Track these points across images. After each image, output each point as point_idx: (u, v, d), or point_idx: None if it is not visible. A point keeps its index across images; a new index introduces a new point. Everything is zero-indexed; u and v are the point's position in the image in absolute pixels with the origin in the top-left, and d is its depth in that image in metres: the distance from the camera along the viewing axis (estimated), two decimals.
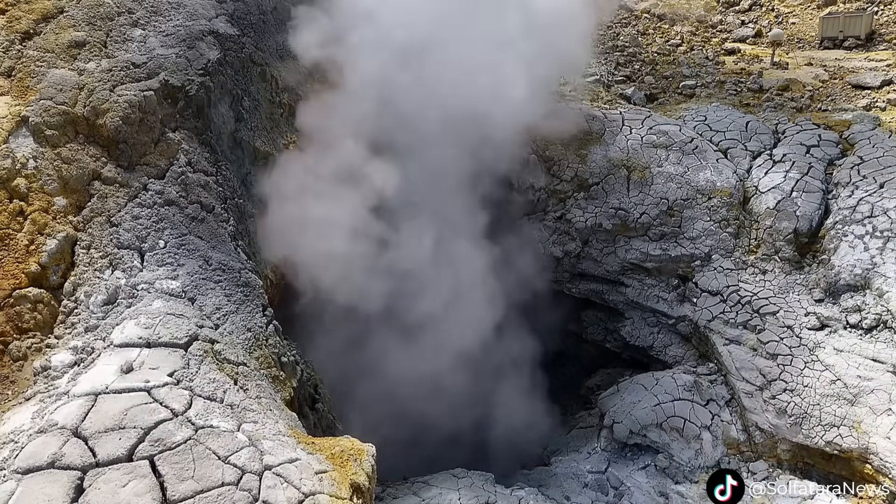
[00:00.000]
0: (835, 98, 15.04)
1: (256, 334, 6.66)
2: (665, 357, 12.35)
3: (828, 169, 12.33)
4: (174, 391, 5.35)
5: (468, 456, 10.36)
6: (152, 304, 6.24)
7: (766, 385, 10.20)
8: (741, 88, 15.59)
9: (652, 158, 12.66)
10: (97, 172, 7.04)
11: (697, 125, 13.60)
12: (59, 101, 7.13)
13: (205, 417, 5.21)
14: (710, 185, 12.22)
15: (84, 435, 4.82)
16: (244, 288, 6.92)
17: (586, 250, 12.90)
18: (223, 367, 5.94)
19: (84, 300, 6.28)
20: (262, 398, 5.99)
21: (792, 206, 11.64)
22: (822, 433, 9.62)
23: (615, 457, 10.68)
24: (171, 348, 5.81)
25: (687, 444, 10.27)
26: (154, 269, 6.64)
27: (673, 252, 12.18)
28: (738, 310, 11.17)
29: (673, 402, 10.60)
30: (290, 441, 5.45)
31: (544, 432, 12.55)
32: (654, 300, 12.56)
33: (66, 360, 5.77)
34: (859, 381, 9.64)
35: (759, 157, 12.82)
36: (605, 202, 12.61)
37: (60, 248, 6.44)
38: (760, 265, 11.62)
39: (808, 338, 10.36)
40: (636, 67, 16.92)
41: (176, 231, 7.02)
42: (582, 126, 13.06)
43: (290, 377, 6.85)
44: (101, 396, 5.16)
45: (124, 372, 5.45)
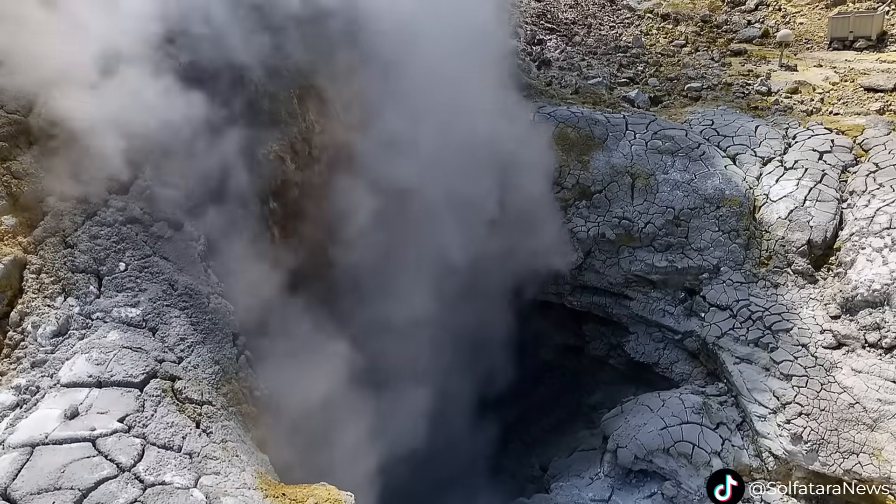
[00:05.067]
0: (846, 101, 14.41)
1: (225, 367, 6.03)
2: (671, 374, 11.73)
3: (842, 176, 11.71)
4: (123, 440, 4.72)
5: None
6: (107, 336, 5.61)
7: (779, 408, 9.58)
8: (749, 91, 14.96)
9: (657, 165, 12.04)
10: (52, 188, 6.41)
11: (704, 129, 12.97)
12: (10, 109, 6.51)
13: (156, 472, 4.58)
14: (718, 194, 11.59)
15: (13, 497, 4.20)
16: (213, 315, 6.28)
17: (588, 261, 12.27)
18: (184, 407, 5.32)
19: (31, 331, 5.65)
20: (227, 442, 5.37)
21: (805, 216, 11.01)
22: (839, 461, 9.01)
23: (619, 484, 10.06)
24: (125, 388, 5.19)
25: (696, 472, 9.65)
26: (112, 294, 6.00)
27: (679, 264, 11.55)
28: (748, 326, 10.55)
29: (681, 425, 9.97)
30: (256, 496, 4.82)
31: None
32: (659, 314, 11.94)
33: (7, 401, 5.14)
34: (879, 405, 9.04)
35: (770, 163, 12.19)
36: (608, 211, 11.98)
37: (7, 273, 5.81)
38: (772, 278, 10.99)
39: (825, 357, 9.74)
40: (640, 69, 16.30)
41: (138, 252, 6.38)
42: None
43: (263, 413, 6.22)
44: (38, 448, 4.54)
45: (68, 417, 4.83)
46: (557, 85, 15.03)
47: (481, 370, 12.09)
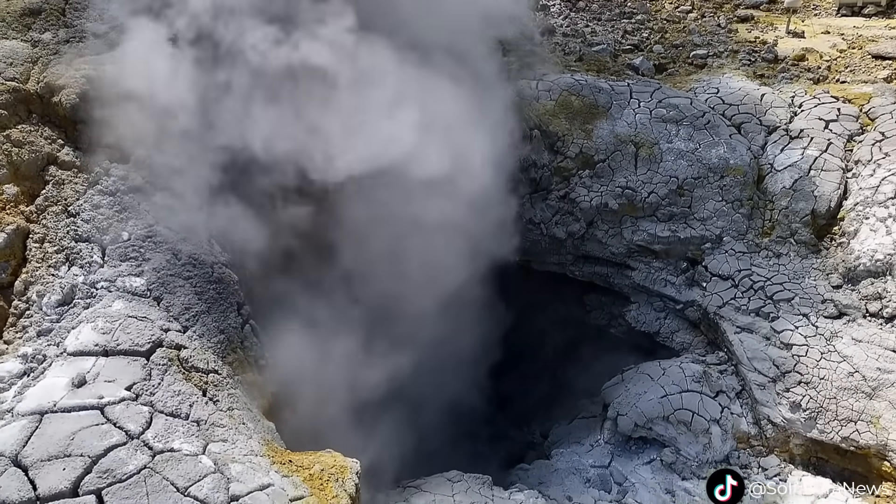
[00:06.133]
0: (854, 69, 14.19)
1: (230, 336, 6.06)
2: (672, 344, 11.78)
3: (847, 145, 11.61)
4: (131, 408, 4.77)
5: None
6: (112, 306, 5.62)
7: (779, 377, 9.65)
8: (755, 58, 14.72)
9: (661, 134, 11.91)
10: (53, 156, 6.37)
11: (709, 98, 12.80)
12: (8, 76, 6.43)
13: (165, 439, 4.63)
14: (722, 163, 11.50)
15: (24, 464, 4.25)
16: (217, 285, 6.29)
17: (591, 231, 12.22)
18: (190, 376, 5.36)
19: (36, 300, 5.67)
20: (234, 410, 5.42)
21: (810, 185, 10.95)
22: (837, 428, 9.11)
23: (619, 450, 10.18)
24: (131, 357, 5.22)
25: (695, 438, 9.76)
26: (116, 264, 6.00)
27: (682, 234, 11.51)
28: (750, 295, 10.56)
29: (681, 393, 10.05)
30: (263, 462, 4.88)
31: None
32: (661, 284, 11.94)
33: (15, 369, 5.18)
34: (879, 374, 9.10)
35: (775, 132, 12.07)
36: (611, 180, 11.89)
37: (10, 243, 5.81)
38: (774, 248, 10.97)
39: (825, 327, 9.78)
40: (645, 35, 16.02)
41: (141, 221, 6.36)
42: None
43: (269, 382, 6.27)
44: (47, 416, 4.58)
45: (76, 386, 4.86)
46: (561, 52, 14.79)
47: (480, 337, 12.11)
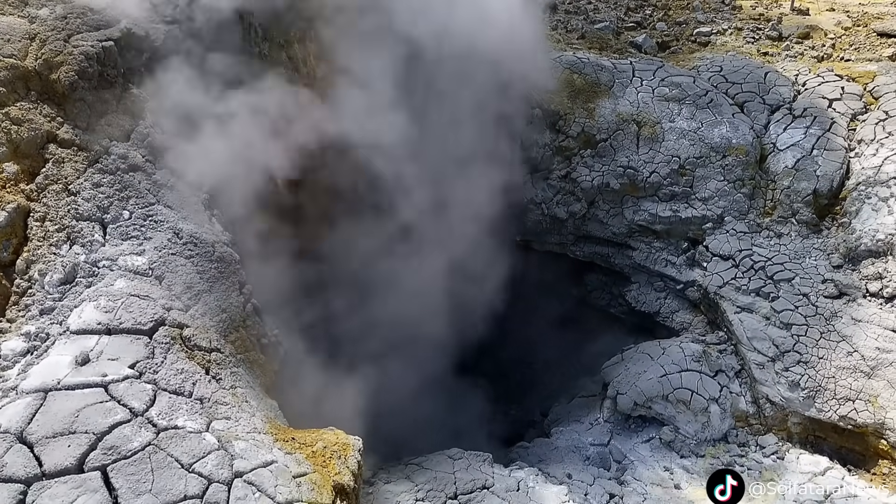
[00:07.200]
0: (858, 47, 14.05)
1: (232, 315, 6.07)
2: (672, 324, 11.81)
3: (850, 125, 11.54)
4: (135, 386, 4.79)
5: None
6: (114, 284, 5.62)
7: (778, 356, 9.69)
8: (759, 36, 14.58)
9: (663, 113, 11.83)
10: (52, 134, 6.32)
11: (713, 76, 12.69)
12: (6, 53, 6.35)
13: (169, 416, 4.66)
14: (725, 143, 11.44)
15: (30, 441, 4.28)
16: (219, 263, 6.28)
17: (592, 211, 12.19)
18: (193, 354, 5.38)
19: (38, 279, 5.66)
20: (237, 388, 5.45)
21: (812, 165, 10.91)
22: (836, 407, 9.17)
23: (618, 429, 10.26)
24: (134, 335, 5.23)
25: (694, 417, 9.83)
26: (117, 243, 5.99)
27: (683, 214, 11.49)
28: (750, 275, 10.57)
29: (680, 373, 10.10)
30: (266, 440, 4.93)
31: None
32: (661, 264, 11.95)
33: (18, 347, 5.19)
34: (878, 354, 9.14)
35: (778, 111, 11.99)
36: (612, 160, 11.83)
37: (11, 221, 5.78)
38: (776, 228, 10.96)
39: (825, 306, 9.80)
40: (647, 13, 15.85)
41: (142, 200, 6.34)
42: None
43: (271, 361, 6.30)
44: (51, 394, 4.60)
45: (79, 364, 4.88)
46: (563, 29, 14.65)
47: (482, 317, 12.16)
